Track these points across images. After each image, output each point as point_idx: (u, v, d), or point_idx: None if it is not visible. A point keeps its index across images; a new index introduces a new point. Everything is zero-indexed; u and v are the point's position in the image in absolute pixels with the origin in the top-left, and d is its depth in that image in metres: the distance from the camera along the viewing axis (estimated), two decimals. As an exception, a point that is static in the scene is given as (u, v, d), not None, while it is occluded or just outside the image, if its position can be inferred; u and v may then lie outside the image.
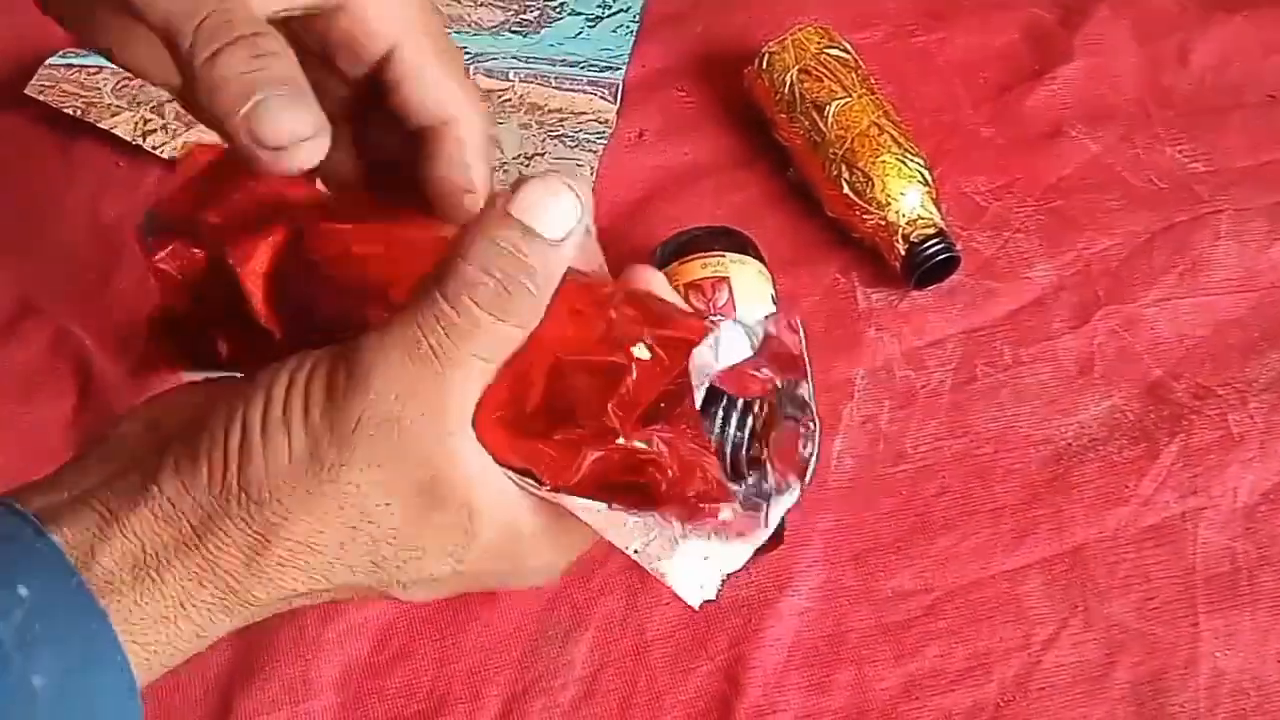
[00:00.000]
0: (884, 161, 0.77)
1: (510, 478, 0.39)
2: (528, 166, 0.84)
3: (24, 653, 0.33)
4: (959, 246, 0.77)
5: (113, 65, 0.87)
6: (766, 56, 0.82)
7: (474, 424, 0.38)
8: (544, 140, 0.85)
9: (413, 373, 0.36)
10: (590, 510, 0.39)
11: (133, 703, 0.36)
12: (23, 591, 0.34)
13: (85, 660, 0.35)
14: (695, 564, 0.40)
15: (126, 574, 0.36)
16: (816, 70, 0.80)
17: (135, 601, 0.37)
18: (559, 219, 0.37)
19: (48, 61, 0.88)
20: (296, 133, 0.35)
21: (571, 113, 0.87)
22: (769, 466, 0.42)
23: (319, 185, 0.47)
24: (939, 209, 0.77)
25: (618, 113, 0.87)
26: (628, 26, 0.91)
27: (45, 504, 0.38)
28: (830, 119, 0.78)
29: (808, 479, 0.42)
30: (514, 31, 0.91)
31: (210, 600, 0.38)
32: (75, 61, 0.88)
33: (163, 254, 0.45)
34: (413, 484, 0.37)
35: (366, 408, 0.36)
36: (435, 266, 0.37)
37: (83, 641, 0.35)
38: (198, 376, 0.44)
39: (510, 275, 0.36)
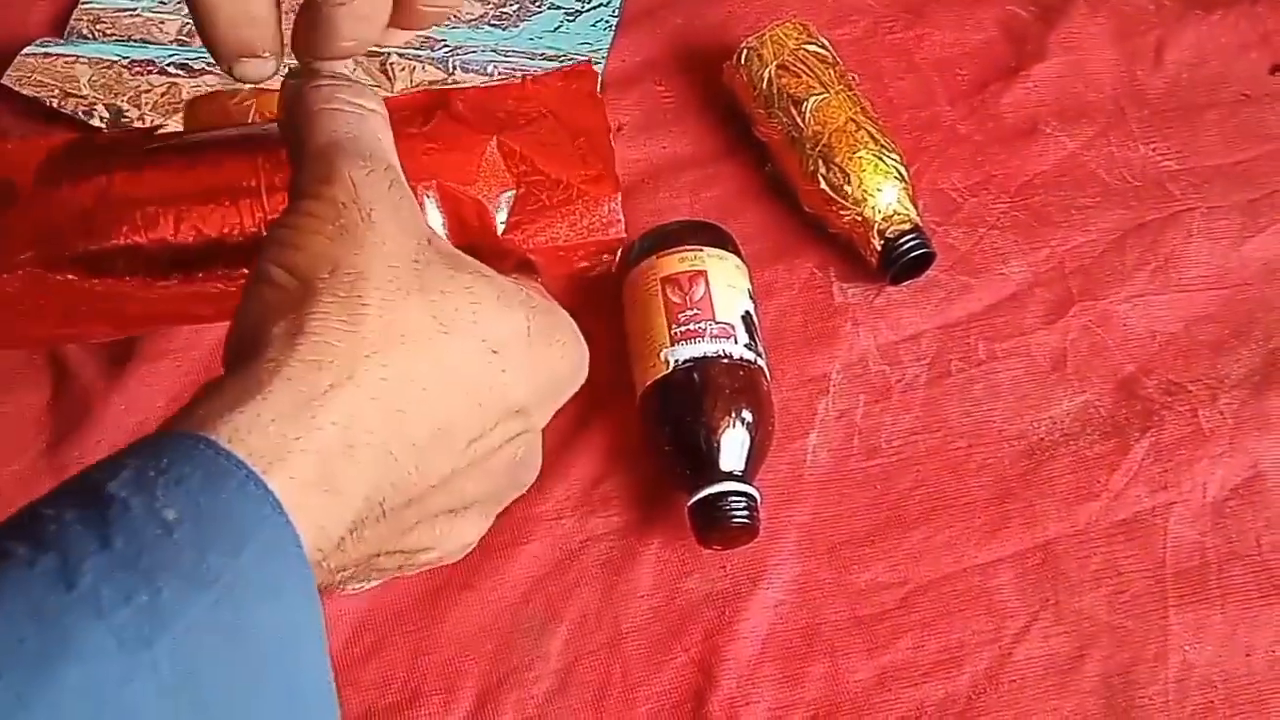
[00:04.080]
0: (861, 157, 0.77)
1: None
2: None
3: (144, 495, 0.32)
4: (934, 242, 0.77)
5: (88, 55, 0.87)
6: (745, 52, 0.82)
7: None
8: (522, 134, 0.86)
9: (349, 149, 0.41)
10: None
11: (280, 520, 0.34)
12: (128, 460, 0.33)
13: (209, 486, 0.33)
14: None
15: (235, 397, 0.35)
16: (795, 66, 0.81)
17: (257, 413, 0.35)
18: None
19: (24, 51, 0.87)
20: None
21: (550, 106, 0.87)
22: None
23: None
24: (915, 205, 0.77)
25: (596, 107, 0.87)
26: (607, 20, 0.91)
27: None
28: (808, 114, 0.79)
29: None
30: (493, 25, 0.91)
31: (334, 382, 0.36)
32: (52, 51, 0.87)
33: None
34: (422, 233, 0.41)
35: (350, 176, 0.40)
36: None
37: (199, 471, 0.33)
38: None
39: (345, 81, 0.44)
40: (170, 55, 0.88)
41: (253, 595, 0.33)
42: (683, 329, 0.70)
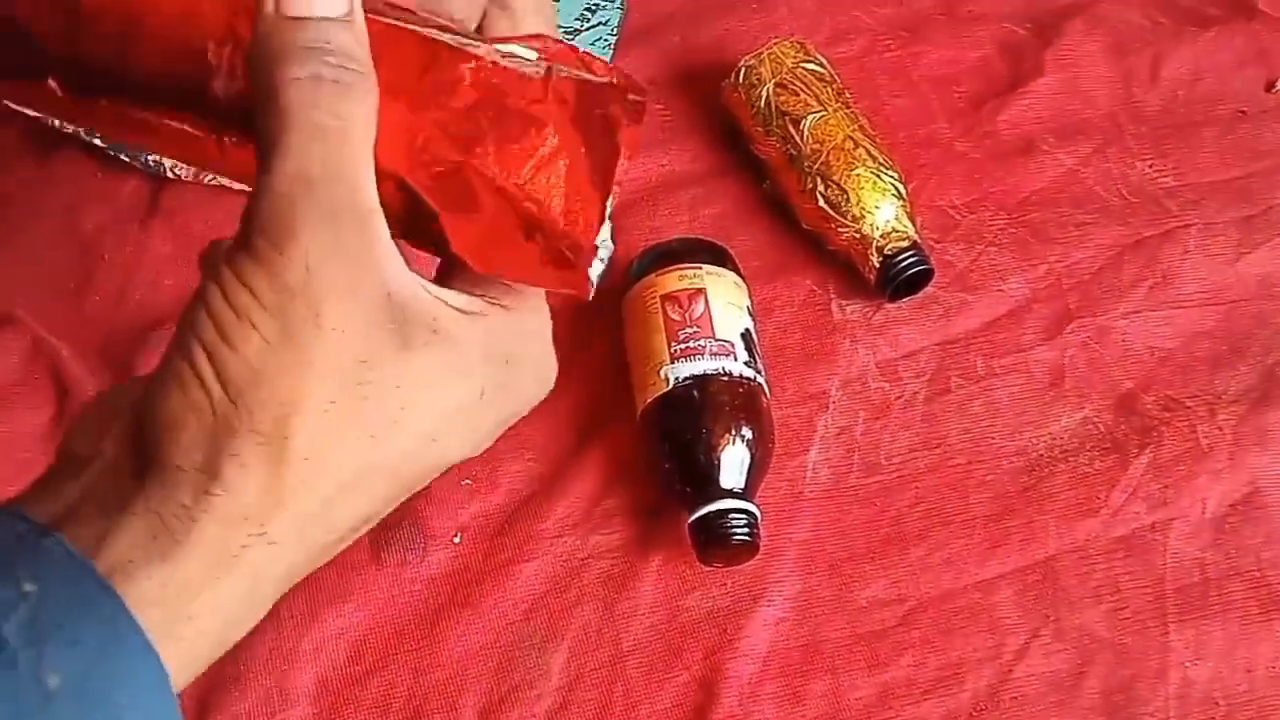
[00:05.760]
0: (859, 175, 0.77)
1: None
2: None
3: (34, 650, 0.31)
4: (933, 259, 0.77)
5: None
6: (743, 70, 0.83)
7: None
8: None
9: (318, 196, 0.35)
10: None
11: (164, 695, 0.33)
12: (28, 587, 0.32)
13: (103, 653, 0.33)
14: None
15: (146, 548, 0.34)
16: (792, 84, 0.81)
17: (168, 576, 0.34)
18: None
19: (26, 71, 0.88)
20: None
21: (550, 125, 0.87)
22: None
23: None
24: (913, 222, 0.78)
25: (595, 125, 0.88)
26: (606, 39, 0.92)
27: (45, 513, 0.36)
28: (806, 132, 0.79)
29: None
30: (492, 44, 0.91)
31: (247, 541, 0.35)
32: (53, 71, 0.88)
33: None
34: (380, 307, 0.36)
35: (307, 250, 0.35)
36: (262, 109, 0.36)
37: (98, 632, 0.33)
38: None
39: (331, 67, 0.36)
40: None
41: None
42: (682, 346, 0.71)
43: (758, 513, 0.68)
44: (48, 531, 0.34)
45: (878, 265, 0.77)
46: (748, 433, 0.69)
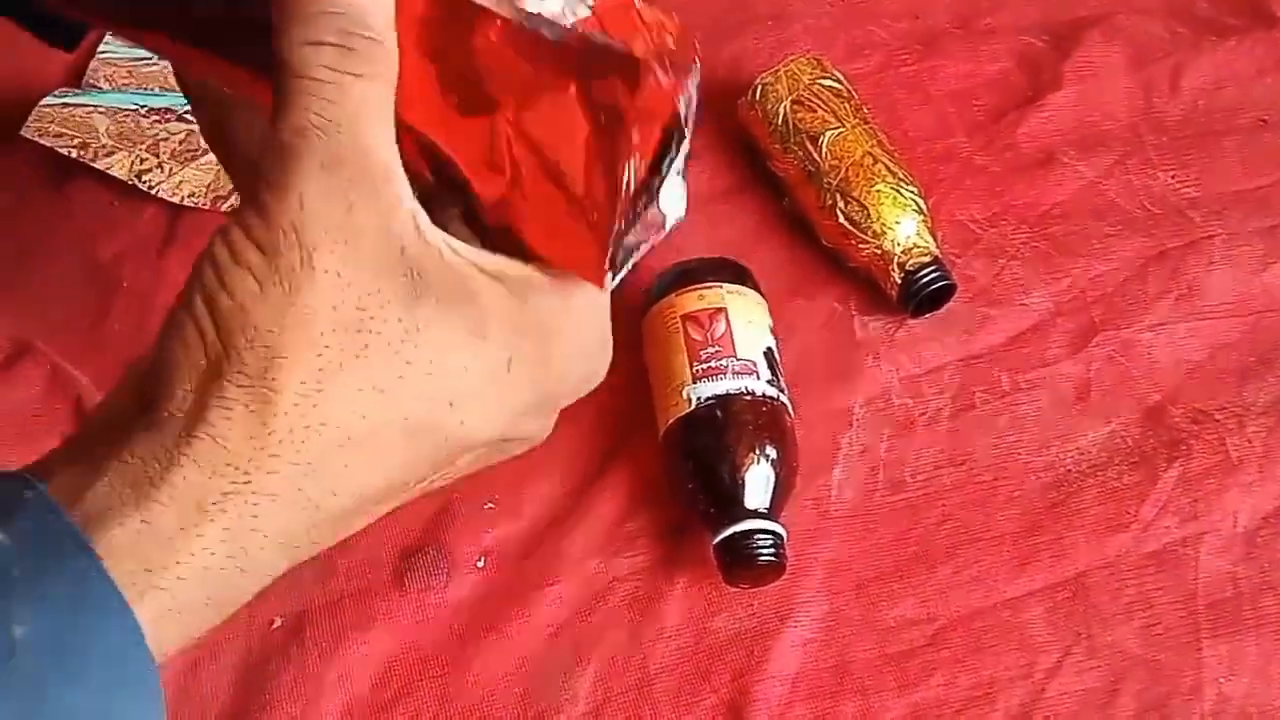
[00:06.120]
0: (879, 191, 0.77)
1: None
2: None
3: (2, 602, 0.31)
4: (954, 274, 0.77)
5: (105, 104, 0.87)
6: (760, 87, 0.82)
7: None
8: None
9: (315, 147, 0.35)
10: None
11: (137, 650, 0.33)
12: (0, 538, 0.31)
13: (71, 607, 0.32)
14: None
15: (126, 495, 0.33)
16: (810, 101, 0.81)
17: (140, 524, 0.33)
18: None
19: (43, 101, 0.88)
20: None
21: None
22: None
23: None
24: (934, 237, 0.77)
25: (612, 145, 0.87)
26: (621, 59, 0.91)
27: (41, 468, 0.35)
28: (824, 149, 0.79)
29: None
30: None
31: (229, 489, 0.34)
32: (70, 101, 0.88)
33: None
34: (389, 258, 0.35)
35: (302, 193, 0.34)
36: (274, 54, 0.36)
37: (67, 585, 0.32)
38: None
39: (341, 32, 0.35)
40: (188, 103, 0.89)
41: None
42: (704, 366, 0.70)
43: (783, 533, 0.67)
44: (30, 484, 0.33)
45: (899, 281, 0.76)
46: (772, 452, 0.69)
